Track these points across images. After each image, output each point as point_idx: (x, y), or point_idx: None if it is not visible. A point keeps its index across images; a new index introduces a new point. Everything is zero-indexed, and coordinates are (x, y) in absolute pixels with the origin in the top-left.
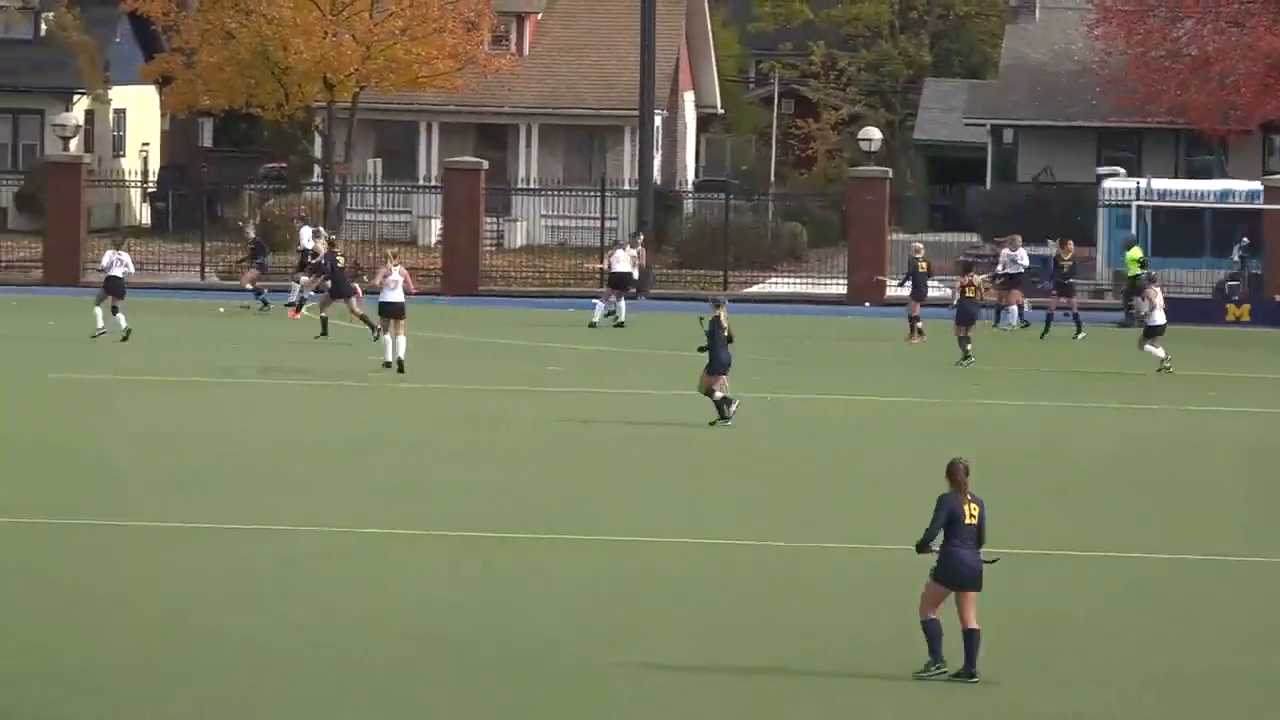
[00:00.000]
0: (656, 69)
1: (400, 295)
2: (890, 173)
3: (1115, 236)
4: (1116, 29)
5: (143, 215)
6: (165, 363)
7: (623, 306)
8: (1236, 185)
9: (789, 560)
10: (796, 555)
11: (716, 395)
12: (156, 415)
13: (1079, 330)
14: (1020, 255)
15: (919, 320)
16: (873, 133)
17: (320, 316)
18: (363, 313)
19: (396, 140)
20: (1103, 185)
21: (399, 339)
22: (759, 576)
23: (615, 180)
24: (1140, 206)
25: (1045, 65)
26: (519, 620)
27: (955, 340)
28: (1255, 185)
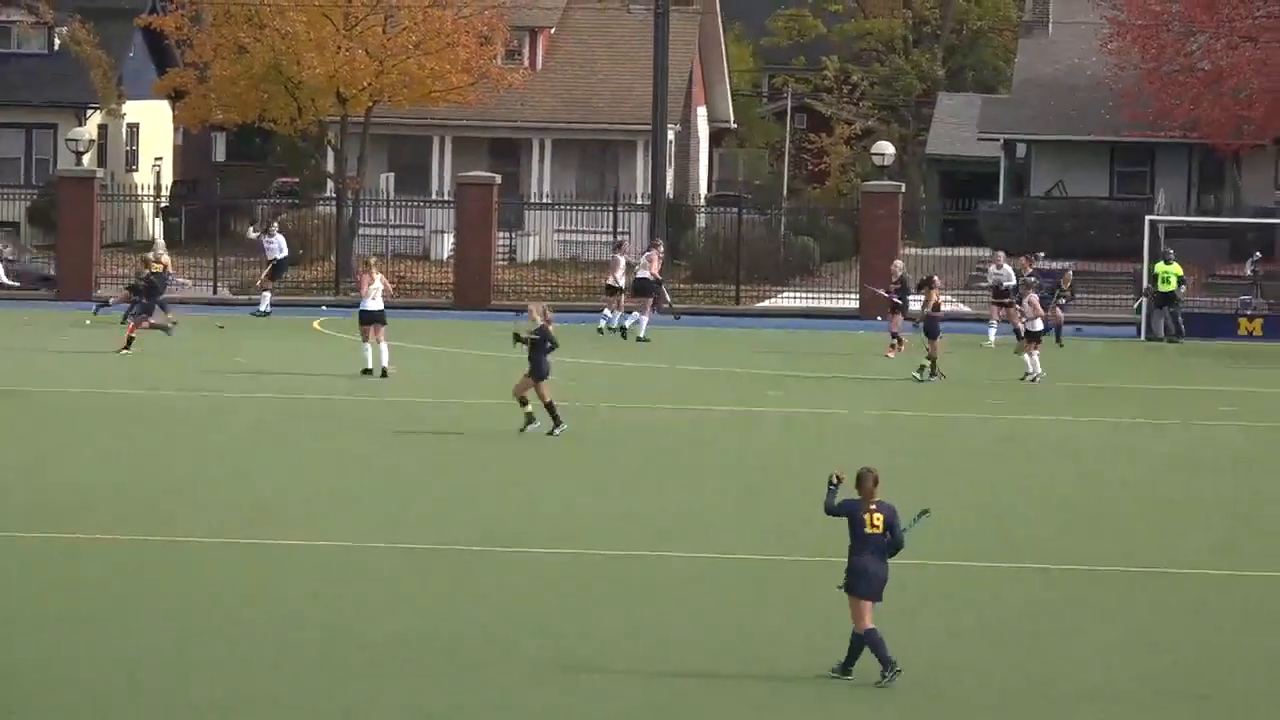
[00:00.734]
0: (669, 83)
1: (380, 304)
2: (903, 187)
3: None
4: (1130, 43)
5: (155, 230)
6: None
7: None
8: None
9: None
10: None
11: (546, 399)
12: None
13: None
14: (1005, 271)
15: (896, 334)
16: (885, 147)
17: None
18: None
19: (409, 155)
20: None
21: (380, 346)
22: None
23: (628, 195)
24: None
25: (1058, 80)
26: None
27: (926, 356)
28: None
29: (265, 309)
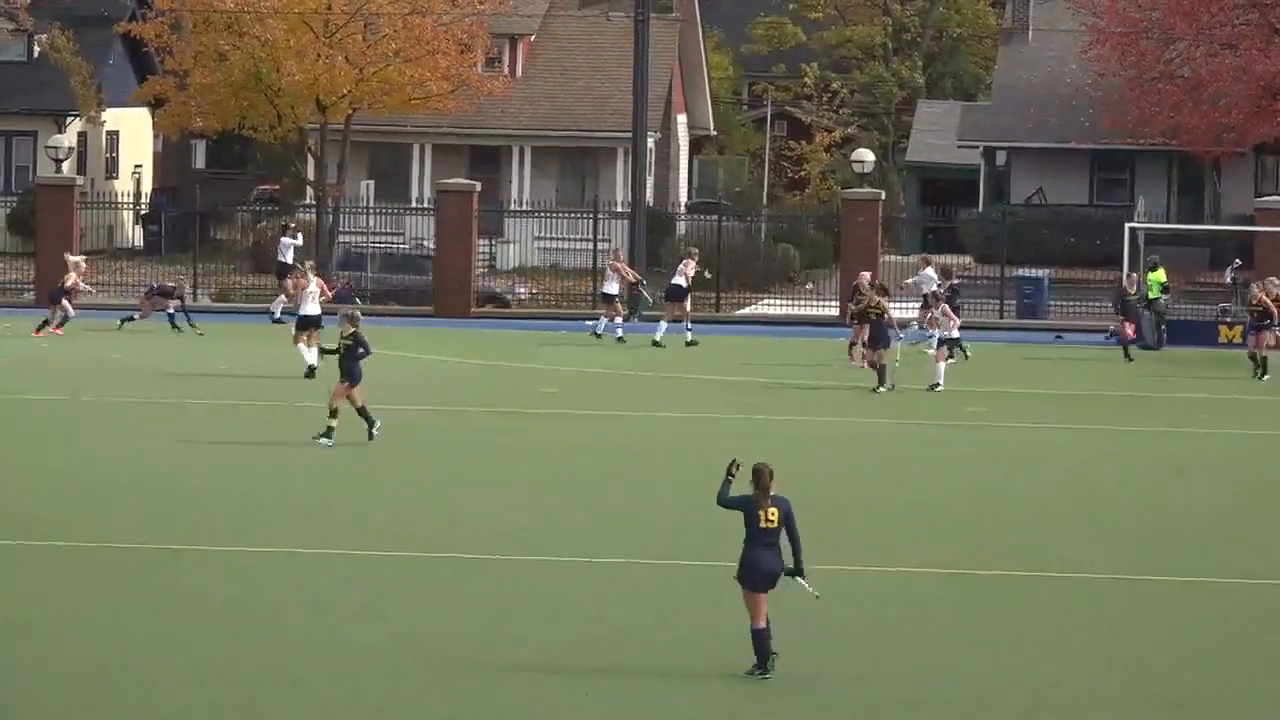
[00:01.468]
0: (649, 91)
1: (318, 308)
2: (883, 194)
3: None
4: (1110, 51)
5: (135, 237)
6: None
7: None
8: None
9: None
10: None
11: (358, 404)
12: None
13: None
14: (926, 276)
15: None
16: (866, 154)
17: None
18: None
19: (389, 162)
20: None
21: (313, 348)
22: None
23: (608, 202)
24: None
25: (1038, 87)
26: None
27: (870, 366)
28: None
29: (276, 314)
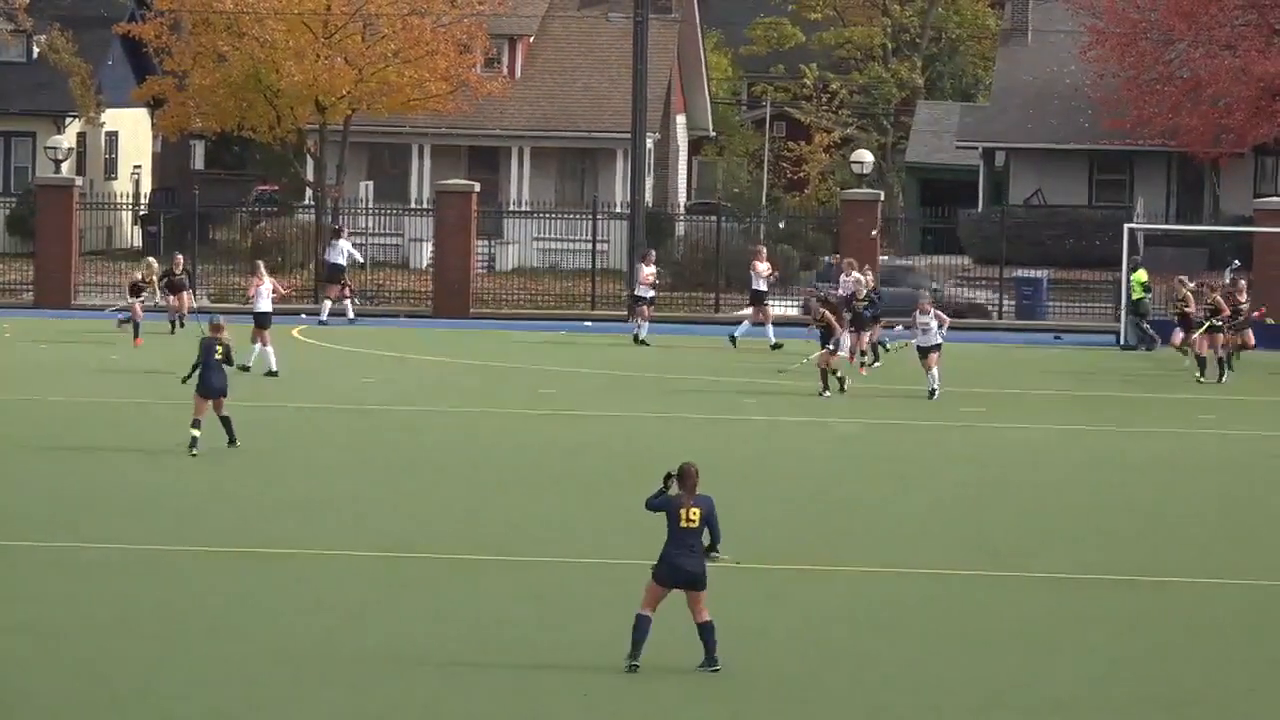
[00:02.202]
0: (648, 92)
1: (270, 306)
2: (882, 195)
3: None
4: (1109, 52)
5: (134, 238)
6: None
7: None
8: None
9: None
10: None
11: (222, 413)
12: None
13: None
14: (852, 279)
15: (865, 352)
16: (865, 155)
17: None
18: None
19: (388, 163)
20: None
21: (267, 348)
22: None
23: (607, 203)
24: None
25: (1037, 88)
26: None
27: (819, 372)
28: None
29: (350, 316)
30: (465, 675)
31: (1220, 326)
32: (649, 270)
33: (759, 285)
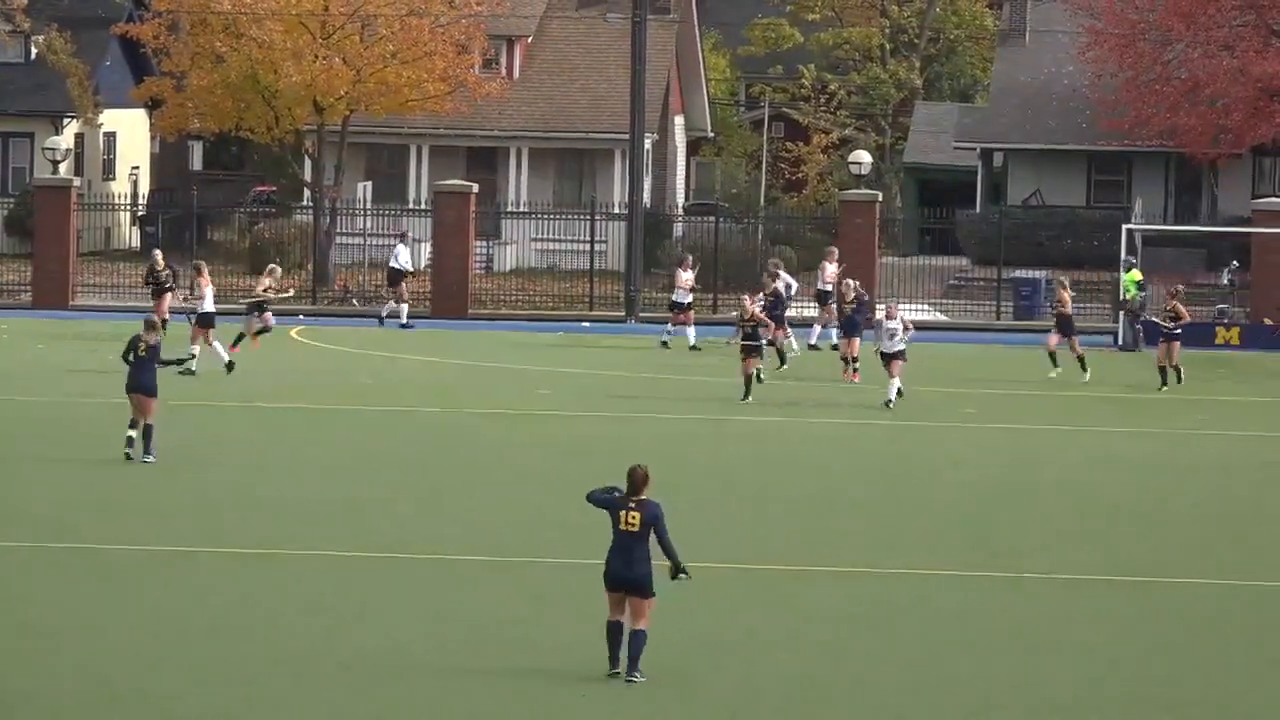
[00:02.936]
0: (647, 92)
1: (214, 306)
2: (880, 196)
3: None
4: (1107, 52)
5: (132, 238)
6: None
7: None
8: None
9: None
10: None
11: (148, 420)
12: None
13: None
14: (783, 280)
15: (856, 360)
16: (863, 156)
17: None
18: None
19: (386, 163)
20: None
21: (213, 344)
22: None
23: (605, 204)
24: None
25: (1035, 89)
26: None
27: (743, 378)
28: None
29: (403, 320)
30: (465, 676)
31: (1179, 334)
32: (688, 275)
33: (824, 286)
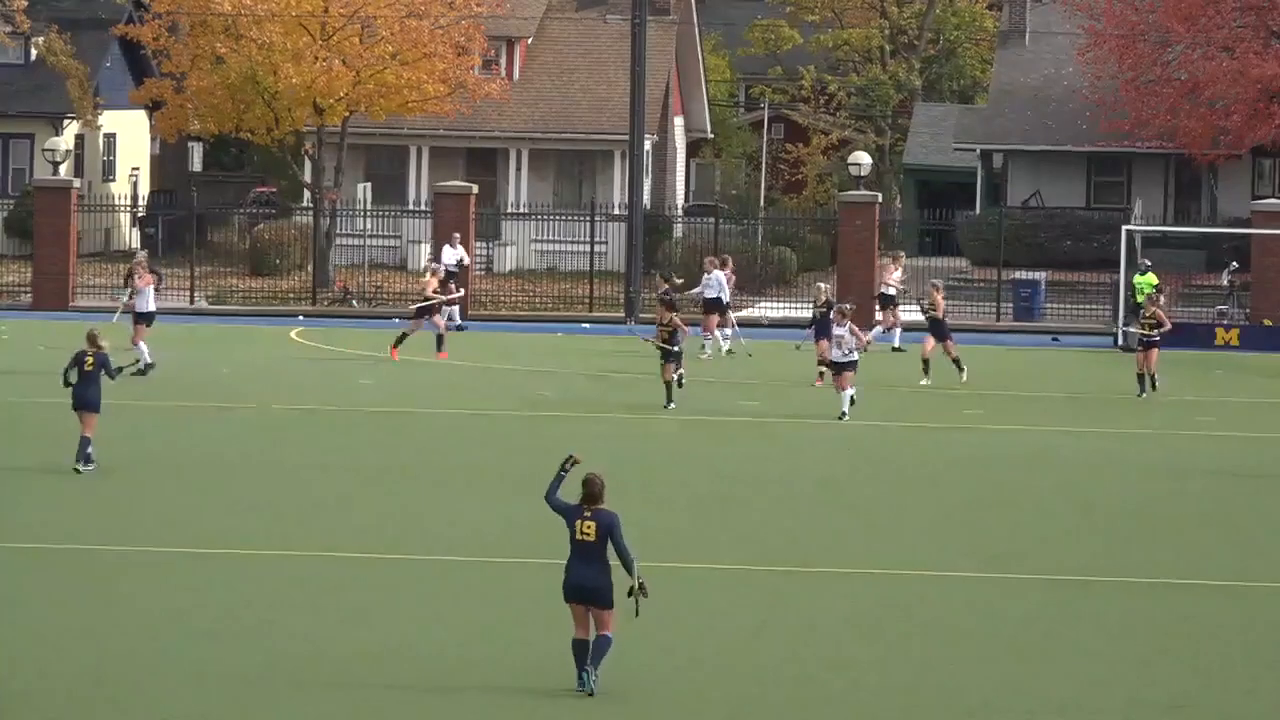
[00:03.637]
0: (646, 94)
1: (154, 305)
2: (880, 197)
3: None
4: (1107, 53)
5: (132, 240)
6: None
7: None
8: None
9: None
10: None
11: (87, 433)
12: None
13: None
14: (713, 280)
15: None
16: (862, 157)
17: None
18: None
19: (386, 165)
20: None
21: (142, 344)
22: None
23: (605, 205)
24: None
25: (1035, 90)
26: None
27: (663, 384)
28: None
29: (457, 322)
30: (464, 677)
31: (1158, 341)
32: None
33: (888, 290)
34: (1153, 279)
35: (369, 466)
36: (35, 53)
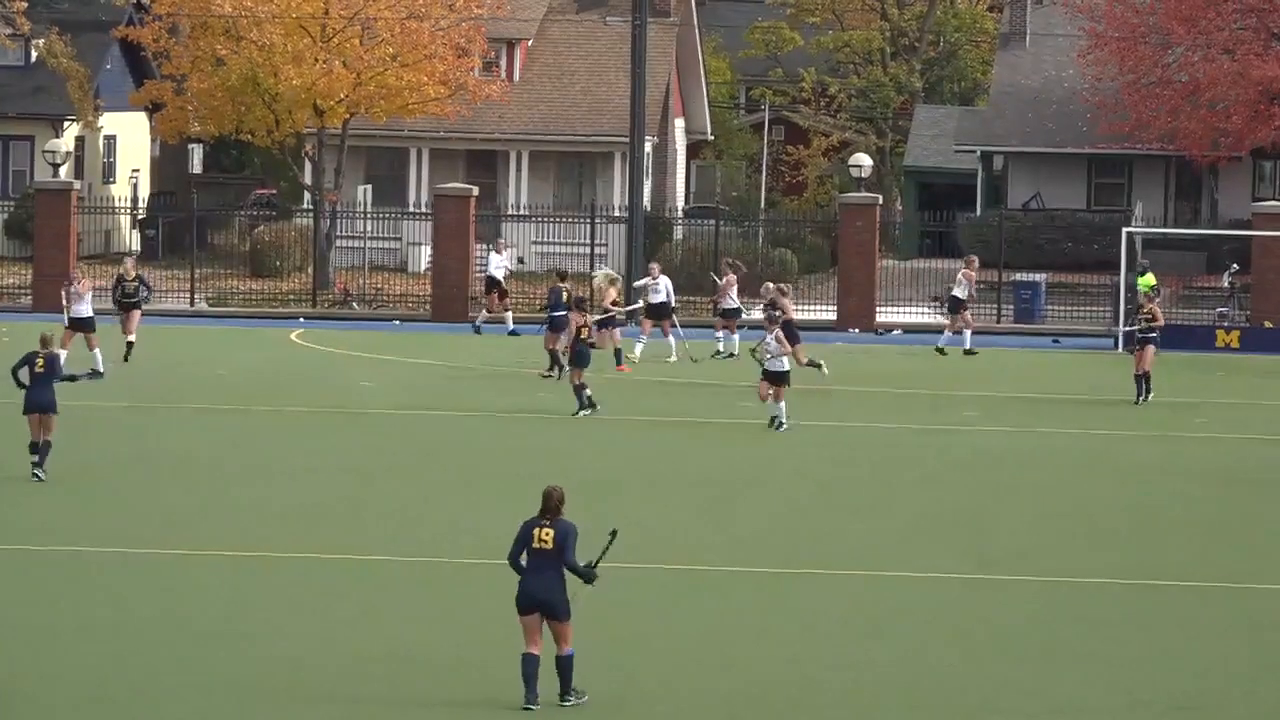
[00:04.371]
0: (647, 95)
1: (91, 310)
2: (880, 199)
3: None
4: (1107, 55)
5: (132, 242)
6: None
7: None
8: None
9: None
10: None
11: (46, 437)
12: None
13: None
14: (656, 283)
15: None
16: (863, 159)
17: None
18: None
19: (386, 166)
20: None
21: (96, 350)
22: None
23: (605, 206)
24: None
25: (1036, 92)
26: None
27: (573, 389)
28: None
29: (512, 327)
30: (464, 678)
31: (1153, 338)
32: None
33: (959, 293)
34: (1151, 279)
35: (369, 468)
36: (35, 54)
